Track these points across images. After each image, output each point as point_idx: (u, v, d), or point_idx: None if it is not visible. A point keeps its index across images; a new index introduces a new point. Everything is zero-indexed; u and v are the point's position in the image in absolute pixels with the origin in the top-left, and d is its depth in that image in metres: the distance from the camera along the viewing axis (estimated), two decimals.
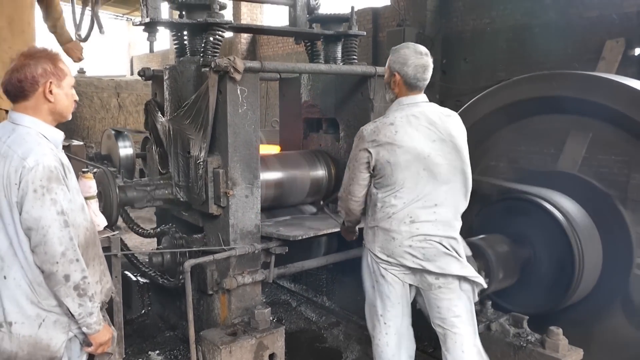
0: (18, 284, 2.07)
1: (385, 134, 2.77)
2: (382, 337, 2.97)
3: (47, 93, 2.10)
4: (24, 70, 2.06)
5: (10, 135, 2.08)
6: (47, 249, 2.00)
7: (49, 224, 1.99)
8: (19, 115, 2.12)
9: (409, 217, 2.78)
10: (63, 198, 2.04)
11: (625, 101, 3.75)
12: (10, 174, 2.00)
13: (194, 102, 3.41)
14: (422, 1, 10.36)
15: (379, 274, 2.91)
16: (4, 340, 2.09)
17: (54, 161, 2.04)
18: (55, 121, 2.18)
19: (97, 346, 2.22)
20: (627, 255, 3.86)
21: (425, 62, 2.82)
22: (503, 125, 4.64)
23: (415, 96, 2.85)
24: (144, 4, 3.46)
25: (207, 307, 3.67)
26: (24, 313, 2.08)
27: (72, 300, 2.06)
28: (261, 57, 16.34)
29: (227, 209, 3.40)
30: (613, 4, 7.92)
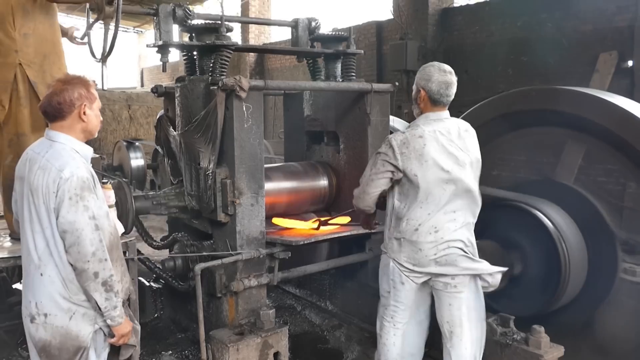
0: (52, 280, 2.36)
1: (414, 147, 2.97)
2: (390, 337, 3.22)
3: (81, 114, 2.44)
4: (62, 94, 2.39)
5: (48, 150, 2.39)
6: (80, 249, 2.30)
7: (82, 227, 2.30)
8: (55, 133, 2.43)
9: (433, 228, 3.00)
10: (94, 205, 2.35)
11: (611, 119, 3.98)
12: (49, 184, 2.31)
13: (204, 118, 3.69)
14: (424, 15, 10.65)
15: (399, 281, 3.13)
16: (38, 330, 2.38)
17: (86, 173, 2.36)
18: (85, 138, 2.51)
19: (119, 337, 2.51)
20: (612, 260, 4.08)
21: (449, 79, 3.06)
22: (499, 135, 4.89)
23: (440, 112, 3.08)
24: (157, 28, 3.75)
25: (216, 309, 3.92)
26: (57, 306, 2.37)
27: (100, 294, 2.36)
28: (269, 69, 16.66)
29: (234, 216, 3.66)
30: (606, 18, 8.18)
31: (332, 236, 4.04)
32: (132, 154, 8.34)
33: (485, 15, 10.12)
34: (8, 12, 3.28)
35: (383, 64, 12.30)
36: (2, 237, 3.47)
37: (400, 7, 11.28)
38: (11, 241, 3.38)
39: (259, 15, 17.00)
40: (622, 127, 3.94)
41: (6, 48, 3.31)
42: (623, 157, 4.04)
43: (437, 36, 10.67)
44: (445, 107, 3.11)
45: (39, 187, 2.33)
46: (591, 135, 4.18)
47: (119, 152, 8.83)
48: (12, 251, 3.16)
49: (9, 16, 3.29)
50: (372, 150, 4.18)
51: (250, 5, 16.87)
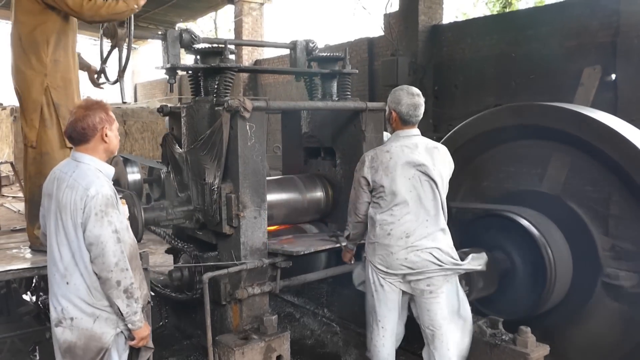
0: (78, 288, 2.59)
1: (382, 161, 3.33)
2: (379, 339, 3.47)
3: (103, 136, 2.70)
4: (86, 120, 2.64)
5: (75, 170, 2.64)
6: (105, 260, 2.54)
7: (106, 240, 2.54)
8: (80, 154, 2.69)
9: (404, 233, 3.29)
10: (116, 220, 2.59)
11: (591, 132, 4.21)
12: (76, 201, 2.56)
13: (209, 136, 3.93)
14: (414, 32, 10.88)
15: (378, 284, 3.42)
16: (64, 332, 2.62)
17: (109, 191, 2.61)
18: (107, 157, 2.76)
19: (139, 340, 2.74)
20: (594, 265, 4.32)
21: (417, 101, 3.39)
22: (488, 149, 5.15)
23: (409, 130, 3.42)
24: (165, 52, 4.00)
25: (221, 316, 4.13)
26: (82, 311, 2.61)
27: (122, 301, 2.59)
28: (262, 85, 16.90)
29: (239, 228, 3.90)
30: (589, 34, 8.49)
31: (330, 246, 4.27)
32: (129, 169, 8.52)
33: (473, 32, 10.41)
34: (44, 41, 3.59)
35: (375, 80, 12.56)
36: (22, 249, 3.69)
37: (391, 24, 11.57)
38: (31, 253, 3.60)
39: (252, 31, 17.30)
40: (601, 140, 4.20)
41: (38, 72, 3.58)
42: (604, 168, 4.29)
43: (427, 52, 10.92)
44: (414, 126, 3.45)
45: (68, 204, 2.58)
46: (574, 147, 4.44)
47: (116, 167, 9.01)
48: (34, 262, 3.38)
49: (44, 44, 3.59)
50: None
51: (244, 22, 17.16)
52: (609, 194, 4.30)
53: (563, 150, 4.53)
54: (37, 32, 3.57)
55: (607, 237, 4.29)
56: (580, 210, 4.43)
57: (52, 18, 3.60)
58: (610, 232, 4.28)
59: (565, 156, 4.51)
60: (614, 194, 4.25)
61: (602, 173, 4.30)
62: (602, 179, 4.31)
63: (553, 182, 4.57)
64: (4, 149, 14.64)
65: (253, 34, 17.47)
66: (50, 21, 3.59)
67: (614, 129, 4.15)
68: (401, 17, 11.28)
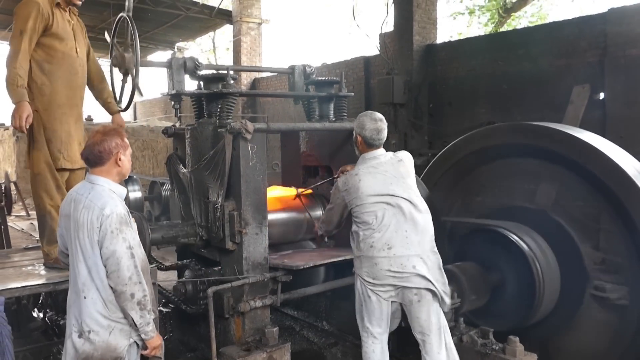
0: (94, 302, 2.80)
1: (352, 184, 3.63)
2: (369, 345, 3.68)
3: (117, 160, 2.93)
4: (102, 144, 2.88)
5: (90, 192, 2.87)
6: (120, 274, 2.75)
7: (121, 256, 2.76)
8: (95, 177, 2.92)
9: (386, 245, 3.52)
10: (130, 236, 2.82)
11: (578, 152, 4.44)
12: (92, 220, 2.78)
13: (213, 157, 4.14)
14: (409, 51, 11.20)
15: (367, 295, 3.64)
16: (84, 344, 2.82)
17: (123, 210, 2.83)
18: (120, 180, 2.99)
19: (151, 349, 2.95)
20: (582, 279, 4.52)
21: (379, 126, 3.69)
22: (480, 165, 5.36)
23: (374, 151, 3.71)
24: (170, 79, 4.23)
25: (224, 329, 4.31)
26: (99, 324, 2.81)
27: (135, 312, 2.80)
28: (260, 102, 17.19)
29: (241, 244, 4.09)
30: (578, 54, 8.78)
31: (329, 261, 4.46)
32: (130, 187, 8.73)
33: (467, 51, 10.73)
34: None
35: (371, 97, 12.86)
36: (37, 266, 3.88)
37: (387, 44, 11.88)
38: (45, 270, 3.80)
39: (250, 50, 17.65)
40: (587, 159, 4.41)
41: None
42: (590, 185, 4.49)
43: (421, 71, 11.22)
44: (379, 147, 3.72)
45: (85, 223, 2.80)
46: (562, 164, 4.64)
47: None
48: (48, 278, 3.57)
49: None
50: None
51: (242, 42, 17.50)
52: (596, 209, 4.50)
53: (551, 167, 4.74)
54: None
55: (595, 251, 4.47)
56: (568, 225, 4.63)
57: (36, 47, 3.91)
58: (598, 246, 4.46)
59: (552, 173, 4.72)
60: (601, 209, 4.44)
61: (589, 190, 4.50)
62: (589, 196, 4.50)
63: (541, 198, 4.78)
64: (6, 168, 14.83)
65: (251, 53, 17.82)
66: (35, 49, 3.90)
67: (596, 147, 4.36)
68: (396, 37, 11.59)
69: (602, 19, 8.57)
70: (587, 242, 4.52)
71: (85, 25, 4.07)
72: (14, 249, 4.72)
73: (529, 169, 4.91)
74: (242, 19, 17.50)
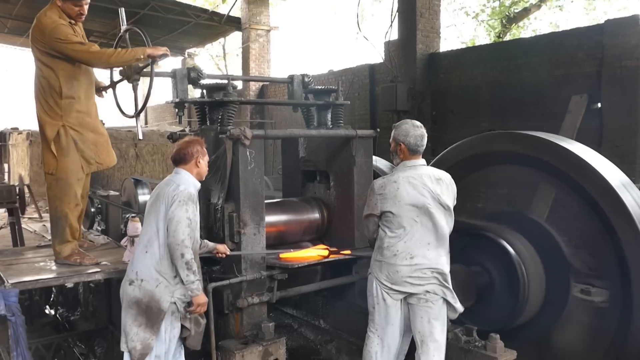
0: (153, 255, 3.53)
1: (390, 190, 3.75)
2: (373, 346, 3.89)
3: (197, 162, 3.76)
4: (187, 149, 3.74)
5: (175, 176, 3.72)
6: (176, 235, 3.46)
7: (180, 219, 3.48)
8: (179, 169, 3.75)
9: (409, 255, 3.72)
10: (192, 212, 3.57)
11: (567, 163, 4.61)
12: (169, 192, 3.58)
13: (214, 161, 4.39)
14: (412, 60, 11.40)
15: (381, 298, 3.83)
16: (134, 290, 3.52)
17: (194, 192, 3.67)
18: (198, 178, 3.79)
19: (196, 305, 3.60)
20: (565, 283, 4.71)
21: (422, 132, 3.83)
22: (473, 171, 5.57)
23: (416, 160, 3.83)
24: (174, 88, 4.50)
25: (223, 324, 4.54)
26: (151, 275, 3.52)
27: (183, 270, 3.49)
28: (269, 108, 17.45)
29: (240, 244, 4.34)
30: (576, 64, 8.97)
31: (323, 261, 4.70)
32: (139, 190, 8.98)
33: (469, 60, 10.94)
34: (57, 85, 4.16)
35: (375, 104, 13.06)
36: (49, 262, 4.15)
37: (391, 52, 12.10)
38: (56, 265, 4.06)
39: (259, 57, 17.96)
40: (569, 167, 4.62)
41: (53, 116, 4.23)
42: (575, 194, 4.69)
43: (425, 79, 11.42)
44: (420, 156, 3.84)
45: (164, 194, 3.57)
46: (553, 175, 4.82)
47: (127, 189, 9.50)
48: (59, 273, 3.83)
49: (57, 88, 4.17)
50: (357, 187, 4.92)
51: (251, 48, 17.80)
52: (577, 213, 4.70)
53: (535, 173, 4.94)
54: (51, 78, 4.12)
55: (579, 256, 4.66)
56: (555, 230, 4.83)
57: (62, 65, 4.13)
58: (581, 251, 4.67)
59: (541, 180, 4.92)
60: (586, 216, 4.63)
61: (574, 197, 4.70)
62: (573, 202, 4.70)
63: (527, 204, 4.98)
64: (20, 172, 15.17)
65: (260, 59, 18.12)
66: (61, 68, 4.13)
67: (579, 155, 4.57)
68: (400, 45, 11.79)
69: (599, 31, 8.76)
70: (573, 247, 4.70)
71: (97, 31, 4.35)
72: (27, 247, 5.00)
73: (517, 176, 5.12)
74: (250, 26, 17.81)
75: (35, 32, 4.12)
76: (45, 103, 4.17)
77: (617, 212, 4.31)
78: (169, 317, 3.57)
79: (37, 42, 4.12)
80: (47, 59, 4.11)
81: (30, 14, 15.98)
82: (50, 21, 4.06)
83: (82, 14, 4.32)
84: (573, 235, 4.73)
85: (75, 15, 4.27)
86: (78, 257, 4.25)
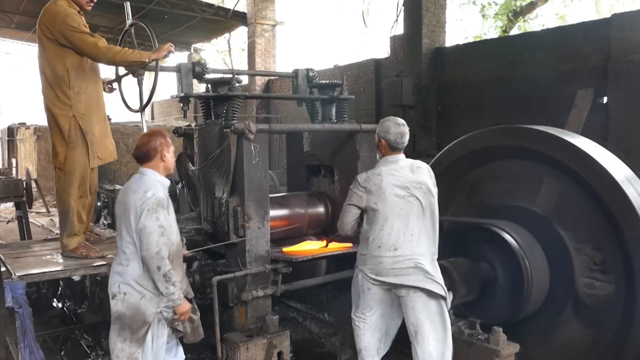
0: (134, 270, 3.36)
1: (374, 182, 3.80)
2: (361, 327, 3.96)
3: (162, 156, 3.48)
4: (149, 144, 3.45)
5: (139, 180, 3.44)
6: (148, 247, 3.27)
7: (151, 231, 3.27)
8: (144, 169, 3.48)
9: (393, 246, 3.75)
10: (163, 218, 3.34)
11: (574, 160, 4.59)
12: (136, 201, 3.32)
13: (218, 156, 4.43)
14: (418, 54, 11.37)
15: (366, 287, 3.88)
16: (117, 304, 3.36)
17: (163, 195, 3.40)
18: (165, 173, 3.52)
19: (179, 314, 3.48)
20: (569, 277, 4.72)
21: (403, 130, 3.87)
22: (477, 166, 5.58)
23: (396, 155, 3.89)
24: (179, 82, 4.53)
25: (229, 317, 4.59)
26: (133, 288, 3.35)
27: (161, 283, 3.32)
28: (274, 103, 17.47)
29: (244, 237, 4.38)
30: (582, 58, 8.93)
31: (327, 254, 4.73)
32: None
33: (474, 55, 10.90)
34: (65, 75, 4.14)
35: (381, 99, 13.04)
36: (55, 255, 4.20)
37: (396, 47, 12.08)
38: (63, 258, 4.11)
39: (264, 52, 17.93)
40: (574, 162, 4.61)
41: (63, 105, 4.18)
42: (579, 188, 4.68)
43: (430, 74, 11.39)
44: (401, 151, 3.91)
45: (131, 204, 3.31)
46: (558, 169, 4.81)
47: None
48: (66, 266, 3.88)
49: (66, 79, 4.16)
50: None
51: (257, 43, 17.79)
52: (582, 208, 4.70)
53: (540, 167, 4.94)
54: (58, 68, 4.12)
55: (583, 250, 4.66)
56: (558, 224, 4.83)
57: (70, 55, 4.15)
58: (586, 246, 4.66)
59: (546, 175, 4.92)
60: (591, 211, 4.62)
61: (578, 191, 4.69)
62: (578, 197, 4.69)
63: (547, 199, 4.96)
64: (27, 166, 15.27)
65: (265, 54, 18.11)
66: (68, 57, 4.15)
67: (583, 149, 4.57)
68: (406, 40, 11.77)
69: (605, 25, 8.70)
70: (577, 241, 4.70)
71: (103, 26, 4.35)
72: (34, 240, 5.05)
73: (522, 171, 5.12)
74: (256, 21, 17.79)
75: (45, 20, 4.14)
76: (53, 93, 4.18)
77: (622, 206, 4.31)
78: (155, 326, 3.44)
79: (46, 30, 4.13)
80: (56, 48, 4.13)
81: (37, 9, 15.89)
82: (62, 9, 4.11)
83: (92, 2, 4.36)
84: (577, 230, 4.72)
85: (85, 4, 4.31)
86: (84, 250, 4.30)
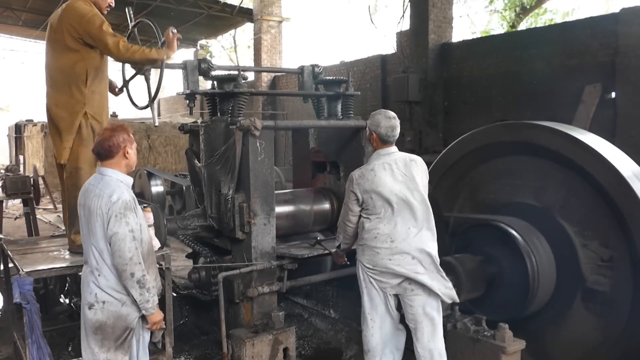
0: (107, 279, 3.12)
1: (367, 178, 3.82)
2: (369, 330, 3.93)
3: (125, 153, 3.22)
4: (111, 139, 3.18)
5: (100, 182, 3.17)
6: (121, 254, 3.05)
7: (123, 237, 3.06)
8: (104, 169, 3.22)
9: (389, 238, 3.76)
10: (133, 221, 3.11)
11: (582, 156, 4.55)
12: (102, 206, 3.08)
13: (224, 152, 4.44)
14: (424, 50, 11.33)
15: (368, 281, 3.89)
16: (97, 313, 3.12)
17: (129, 197, 3.14)
18: (127, 171, 3.28)
19: (152, 324, 3.26)
20: (576, 274, 4.70)
21: (393, 124, 3.88)
22: (483, 162, 5.56)
23: (388, 148, 3.90)
24: (185, 79, 4.53)
25: (234, 313, 4.61)
26: (112, 296, 3.12)
27: (135, 290, 3.10)
28: (280, 99, 17.49)
29: (250, 234, 4.39)
30: (590, 54, 8.88)
31: (332, 251, 4.72)
32: (152, 182, 9.06)
33: (481, 50, 10.86)
34: (83, 74, 4.12)
35: (387, 95, 13.03)
36: (62, 252, 4.22)
37: (403, 42, 12.05)
38: (70, 254, 4.13)
39: (270, 48, 17.97)
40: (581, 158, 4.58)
41: (78, 102, 4.14)
42: (586, 183, 4.66)
43: (436, 69, 11.35)
44: (392, 144, 3.91)
45: (95, 209, 3.09)
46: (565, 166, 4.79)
47: (140, 180, 9.59)
48: (72, 262, 3.89)
49: (84, 77, 4.13)
50: None
51: (263, 39, 17.80)
52: (589, 204, 4.67)
53: (547, 163, 4.91)
54: (77, 66, 4.11)
55: (590, 247, 4.64)
56: (565, 220, 4.81)
57: (91, 55, 4.14)
58: (593, 242, 4.63)
59: (553, 171, 4.90)
60: (597, 207, 4.59)
61: (584, 187, 4.67)
62: (585, 192, 4.67)
63: (537, 195, 4.96)
64: (35, 163, 15.33)
65: (272, 51, 18.13)
66: (90, 57, 4.14)
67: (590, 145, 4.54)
68: (412, 36, 11.74)
69: (613, 20, 8.64)
70: (584, 238, 4.68)
71: (110, 24, 4.33)
72: (42, 236, 5.08)
73: (528, 167, 5.09)
74: (262, 17, 17.80)
75: (70, 18, 4.09)
76: (68, 90, 4.15)
77: (629, 203, 4.29)
78: (139, 329, 3.28)
79: (71, 28, 4.09)
80: (79, 46, 4.11)
81: (45, 6, 16.13)
82: (89, 9, 4.11)
83: (111, 6, 4.37)
84: (585, 226, 4.70)
85: (105, 7, 4.32)
86: None
